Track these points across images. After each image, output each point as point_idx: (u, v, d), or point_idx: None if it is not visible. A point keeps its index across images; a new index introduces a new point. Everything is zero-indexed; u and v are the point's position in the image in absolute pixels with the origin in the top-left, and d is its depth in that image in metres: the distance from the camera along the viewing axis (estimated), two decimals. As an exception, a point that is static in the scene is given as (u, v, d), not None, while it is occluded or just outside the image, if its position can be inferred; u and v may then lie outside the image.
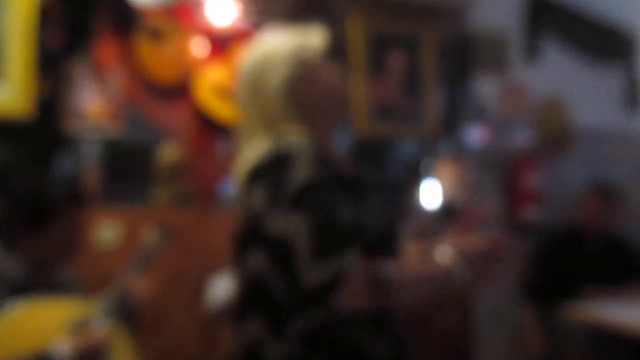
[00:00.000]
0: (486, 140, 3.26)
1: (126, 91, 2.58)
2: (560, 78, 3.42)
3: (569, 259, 3.05)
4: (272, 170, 1.18)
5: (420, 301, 1.15)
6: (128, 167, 2.57)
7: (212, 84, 2.69)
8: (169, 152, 2.63)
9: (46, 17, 2.42)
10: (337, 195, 1.17)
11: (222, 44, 2.74)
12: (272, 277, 1.15)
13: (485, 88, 3.27)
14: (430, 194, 2.98)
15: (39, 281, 1.66)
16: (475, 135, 3.24)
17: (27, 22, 2.39)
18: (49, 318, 1.62)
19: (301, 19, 1.59)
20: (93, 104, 2.52)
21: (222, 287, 1.76)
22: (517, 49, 3.36)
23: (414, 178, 3.04)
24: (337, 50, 1.49)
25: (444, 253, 1.18)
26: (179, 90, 2.65)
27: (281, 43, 1.31)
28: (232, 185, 2.72)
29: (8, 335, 1.55)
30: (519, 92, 3.34)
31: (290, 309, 1.14)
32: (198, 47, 2.70)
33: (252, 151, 1.25)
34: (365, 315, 1.16)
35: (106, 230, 2.45)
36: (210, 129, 2.70)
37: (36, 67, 2.41)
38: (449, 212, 2.87)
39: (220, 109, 2.70)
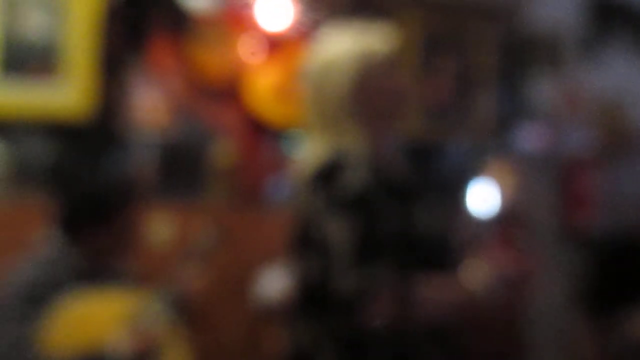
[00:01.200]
0: (540, 142, 3.18)
1: (180, 92, 2.64)
2: (621, 79, 3.30)
3: (627, 269, 2.94)
4: (328, 176, 1.20)
5: (445, 321, 1.14)
6: (181, 166, 2.64)
7: (264, 86, 2.73)
8: (220, 152, 2.68)
9: (107, 20, 2.50)
10: (389, 204, 1.18)
11: (275, 45, 2.77)
12: (320, 281, 1.17)
13: (541, 88, 3.19)
14: (482, 199, 2.93)
15: (98, 273, 1.73)
16: (529, 137, 3.17)
17: (91, 24, 2.47)
18: (105, 310, 1.69)
19: (354, 20, 1.59)
20: (148, 104, 2.60)
21: (272, 285, 1.78)
22: (575, 48, 3.27)
23: (463, 181, 2.99)
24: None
25: (479, 270, 1.17)
26: (231, 92, 2.70)
27: (345, 45, 1.31)
28: (281, 185, 2.76)
29: (67, 325, 1.61)
30: (577, 92, 3.24)
31: (330, 315, 1.16)
32: (251, 49, 2.74)
33: (313, 154, 1.26)
34: (392, 329, 1.17)
35: (160, 227, 2.52)
36: (261, 130, 2.74)
37: (96, 68, 2.50)
38: (501, 218, 2.81)
39: (271, 111, 2.73)
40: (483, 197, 2.94)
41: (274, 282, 1.83)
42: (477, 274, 1.16)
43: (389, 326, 1.14)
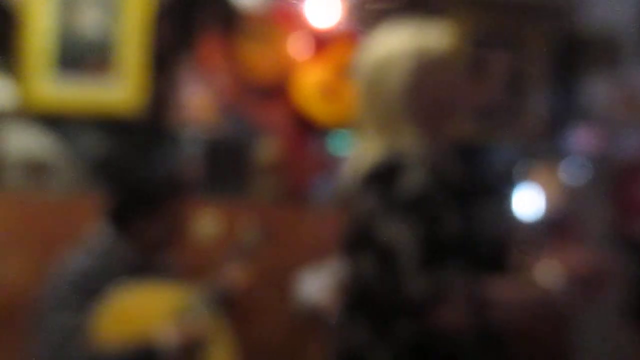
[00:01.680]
0: (593, 145, 3.08)
1: (228, 89, 2.66)
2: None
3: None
4: (385, 176, 1.17)
5: (520, 323, 1.11)
6: (227, 163, 2.66)
7: (312, 83, 2.73)
8: (266, 150, 2.69)
9: (158, 17, 2.55)
10: (448, 206, 1.16)
11: (323, 43, 2.77)
12: (379, 283, 1.15)
13: (595, 90, 3.09)
14: (528, 203, 2.85)
15: (146, 267, 1.76)
16: (581, 139, 3.08)
17: (143, 22, 2.52)
18: (153, 303, 1.72)
19: (404, 17, 1.56)
20: (196, 100, 2.63)
21: (315, 286, 1.77)
22: (632, 47, 3.15)
23: (509, 184, 2.92)
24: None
25: (548, 270, 1.13)
26: (279, 90, 2.71)
27: (401, 42, 1.27)
28: (326, 184, 2.75)
29: (116, 317, 1.65)
30: (633, 94, 3.13)
31: (394, 318, 1.14)
32: (300, 47, 2.74)
33: (366, 153, 1.23)
34: (464, 332, 1.14)
35: (205, 223, 2.55)
36: (307, 128, 2.74)
37: (147, 64, 2.54)
38: (549, 223, 2.73)
39: (319, 109, 2.73)
40: (528, 202, 2.87)
41: (318, 283, 1.82)
42: (548, 274, 1.13)
43: (459, 330, 1.11)
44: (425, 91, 1.23)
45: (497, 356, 1.19)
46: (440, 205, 1.13)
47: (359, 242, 1.20)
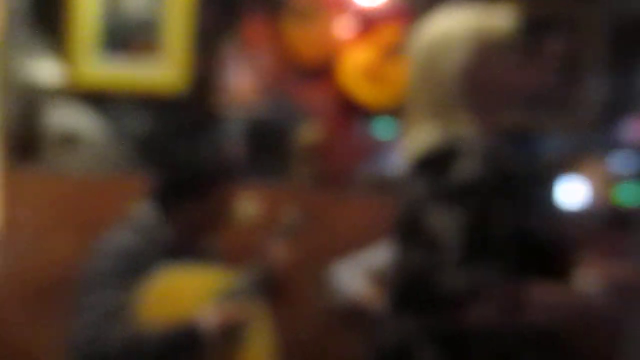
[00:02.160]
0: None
1: (271, 70, 2.63)
2: None
3: None
4: (436, 163, 1.12)
5: (557, 327, 1.05)
6: (269, 145, 2.64)
7: (357, 65, 2.68)
8: (308, 132, 2.66)
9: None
10: (498, 197, 1.09)
11: (370, 24, 2.71)
12: (425, 275, 1.10)
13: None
14: (574, 196, 2.74)
15: (188, 248, 1.76)
16: (634, 131, 2.95)
17: (188, 1, 2.50)
18: (194, 285, 1.72)
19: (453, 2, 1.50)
20: (240, 81, 2.61)
21: (352, 277, 1.73)
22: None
23: (556, 177, 2.82)
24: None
25: (591, 275, 1.08)
26: (323, 71, 2.67)
27: (461, 23, 1.20)
28: (369, 169, 2.70)
29: (158, 298, 1.65)
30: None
31: (438, 313, 1.09)
32: (345, 28, 2.68)
33: (418, 139, 1.18)
34: (499, 332, 1.09)
35: (245, 205, 2.54)
36: (351, 111, 2.70)
37: (191, 44, 2.53)
38: (595, 219, 2.63)
39: (364, 91, 2.67)
40: (575, 195, 2.76)
41: (356, 273, 1.78)
42: (591, 278, 1.07)
43: (496, 328, 1.06)
44: (483, 75, 1.17)
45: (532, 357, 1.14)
46: (490, 197, 1.08)
47: (407, 231, 1.16)
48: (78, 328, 1.57)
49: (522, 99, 1.30)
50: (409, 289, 1.15)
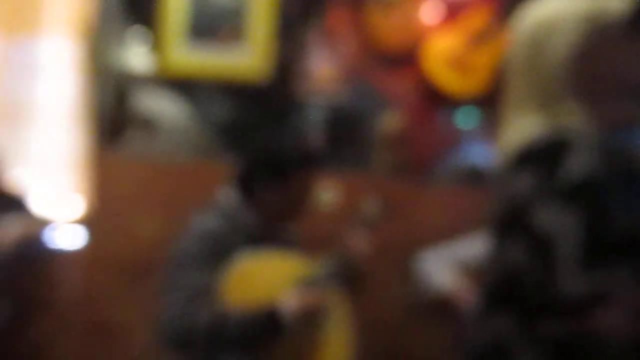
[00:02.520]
0: None
1: (354, 57, 2.61)
2: None
3: None
4: (544, 156, 1.03)
5: None
6: (349, 132, 2.62)
7: (441, 53, 2.61)
8: (390, 121, 2.62)
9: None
10: (617, 195, 1.00)
11: (456, 10, 2.63)
12: (530, 274, 1.02)
13: None
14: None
15: (270, 235, 1.77)
16: None
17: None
18: (275, 271, 1.73)
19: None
20: (322, 68, 2.60)
21: (439, 272, 1.69)
22: None
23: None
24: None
25: None
26: (406, 59, 2.62)
27: (570, 5, 1.09)
28: (452, 159, 2.63)
29: (240, 282, 1.67)
30: None
31: (544, 313, 1.02)
32: (429, 14, 2.62)
33: (520, 130, 1.09)
34: (623, 339, 1.00)
35: (324, 193, 2.54)
36: (435, 100, 2.63)
37: (274, 32, 2.54)
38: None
39: (447, 79, 2.61)
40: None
41: (443, 266, 1.73)
42: None
43: (621, 337, 0.97)
44: (594, 61, 1.05)
45: None
46: (609, 194, 0.98)
47: (509, 226, 1.07)
48: (166, 307, 1.61)
49: (636, 89, 1.18)
50: (509, 287, 1.07)
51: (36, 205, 2.44)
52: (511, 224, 1.07)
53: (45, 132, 2.58)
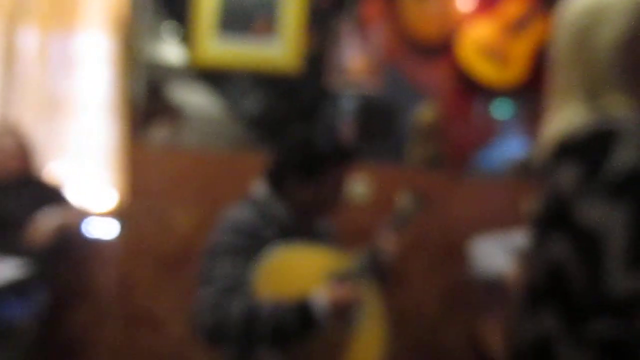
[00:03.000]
0: None
1: (388, 48, 2.58)
2: None
3: None
4: (590, 147, 0.99)
5: None
6: (382, 125, 2.59)
7: (477, 43, 2.56)
8: (425, 112, 2.58)
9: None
10: None
11: (490, 0, 2.57)
12: (575, 270, 0.97)
13: None
14: None
15: (303, 228, 1.75)
16: None
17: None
18: (309, 264, 1.71)
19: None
20: (355, 60, 2.57)
21: (495, 257, 1.64)
22: None
23: None
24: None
25: None
26: (441, 49, 2.57)
27: None
28: (489, 151, 2.58)
29: (272, 275, 1.66)
30: None
31: (590, 311, 0.98)
32: (465, 3, 2.57)
33: (565, 120, 1.04)
34: None
35: (357, 186, 2.52)
36: (470, 90, 2.58)
37: (307, 23, 2.52)
38: None
39: (483, 70, 2.55)
40: None
41: (495, 253, 1.68)
42: None
43: None
44: None
45: None
46: None
47: (553, 220, 1.03)
48: (199, 299, 1.61)
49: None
50: (553, 284, 1.03)
51: (74, 196, 2.48)
52: (555, 218, 1.02)
53: (82, 125, 2.62)
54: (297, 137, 1.80)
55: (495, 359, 1.87)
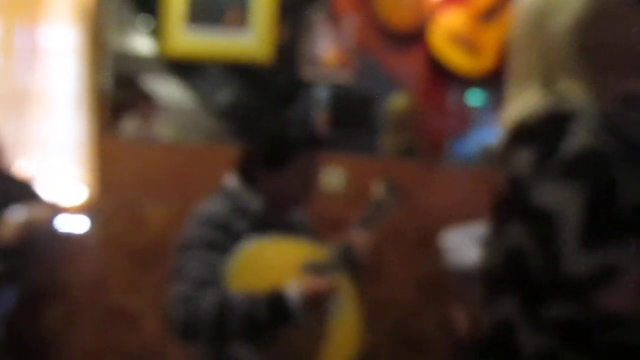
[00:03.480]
0: None
1: (361, 38, 2.56)
2: None
3: None
4: (545, 130, 0.98)
5: None
6: (356, 115, 2.58)
7: (449, 32, 2.55)
8: (398, 102, 2.58)
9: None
10: (627, 171, 0.93)
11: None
12: (532, 254, 0.97)
13: None
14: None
15: (276, 220, 1.74)
16: None
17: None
18: (283, 257, 1.70)
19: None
20: (327, 50, 2.55)
21: (466, 249, 1.65)
22: None
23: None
24: None
25: None
26: (413, 38, 2.57)
27: None
28: (464, 139, 2.59)
29: (246, 269, 1.65)
30: None
31: (547, 294, 0.98)
32: (436, -8, 2.56)
33: (521, 106, 1.05)
34: (638, 319, 0.97)
35: (330, 176, 2.51)
36: (443, 79, 2.59)
37: (279, 13, 2.50)
38: None
39: (456, 59, 2.55)
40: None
41: (467, 245, 1.69)
42: None
43: (630, 316, 0.93)
44: (601, 34, 1.02)
45: None
46: (612, 169, 0.93)
47: (510, 205, 1.04)
48: (172, 293, 1.59)
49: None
50: (512, 269, 1.04)
51: (44, 192, 2.43)
52: (512, 203, 1.03)
53: (51, 119, 2.56)
54: (267, 126, 1.78)
55: (470, 346, 1.88)
